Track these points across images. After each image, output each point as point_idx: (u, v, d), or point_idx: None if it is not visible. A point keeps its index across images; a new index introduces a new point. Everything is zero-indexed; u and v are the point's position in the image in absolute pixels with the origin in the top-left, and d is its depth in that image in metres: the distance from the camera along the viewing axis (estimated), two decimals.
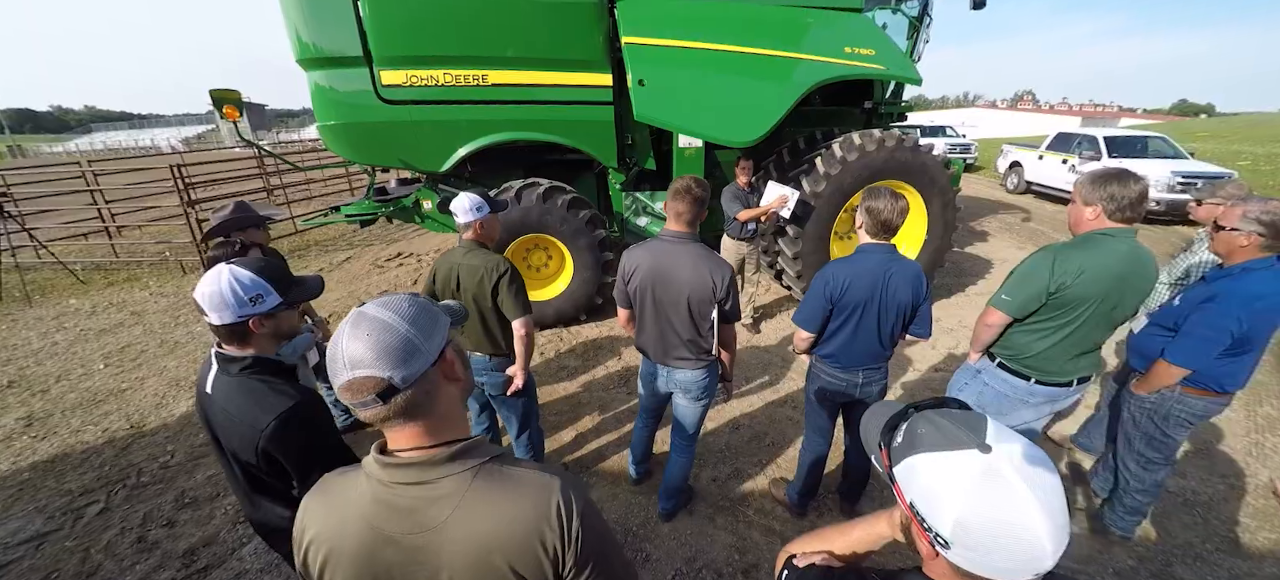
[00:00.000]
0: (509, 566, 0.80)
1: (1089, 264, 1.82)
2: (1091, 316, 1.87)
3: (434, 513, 0.79)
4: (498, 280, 2.25)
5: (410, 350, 0.77)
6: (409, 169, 5.00)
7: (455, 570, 0.79)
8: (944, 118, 30.86)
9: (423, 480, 0.80)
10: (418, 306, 0.83)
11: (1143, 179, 1.85)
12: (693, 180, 2.01)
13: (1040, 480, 0.60)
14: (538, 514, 0.81)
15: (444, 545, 0.79)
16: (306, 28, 4.07)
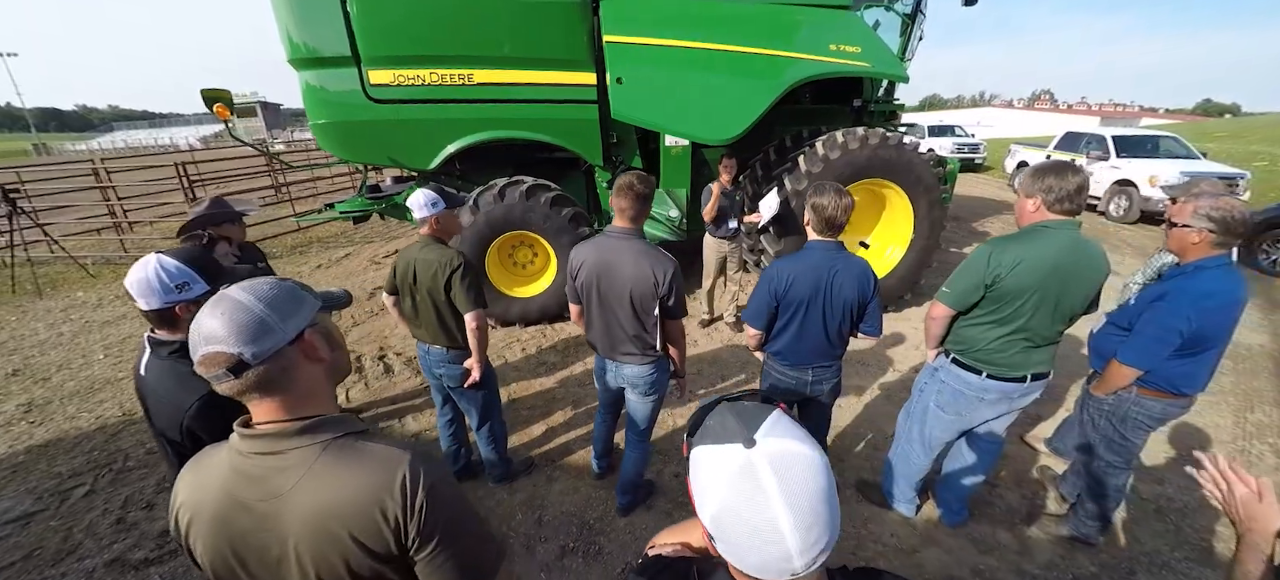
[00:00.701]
0: (348, 534, 0.83)
1: (1026, 255, 1.84)
2: (1035, 308, 1.87)
3: (281, 481, 0.84)
4: (450, 274, 2.30)
5: (263, 329, 0.82)
6: (398, 167, 5.10)
7: (299, 537, 0.84)
8: (958, 117, 30.31)
9: (273, 451, 0.85)
10: (280, 289, 0.88)
11: (1082, 171, 1.85)
12: (635, 177, 2.03)
13: (793, 480, 0.57)
14: (380, 486, 0.85)
15: (289, 512, 0.84)
16: (297, 28, 4.16)
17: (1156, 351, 1.92)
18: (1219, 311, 1.86)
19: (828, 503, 0.58)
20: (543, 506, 2.71)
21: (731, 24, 4.28)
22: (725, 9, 4.35)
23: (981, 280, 1.90)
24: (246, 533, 0.86)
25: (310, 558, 0.85)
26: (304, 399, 0.89)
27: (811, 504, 0.56)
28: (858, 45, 4.53)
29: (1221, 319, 1.88)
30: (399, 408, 3.68)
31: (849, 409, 3.54)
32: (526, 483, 2.88)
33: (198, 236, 2.44)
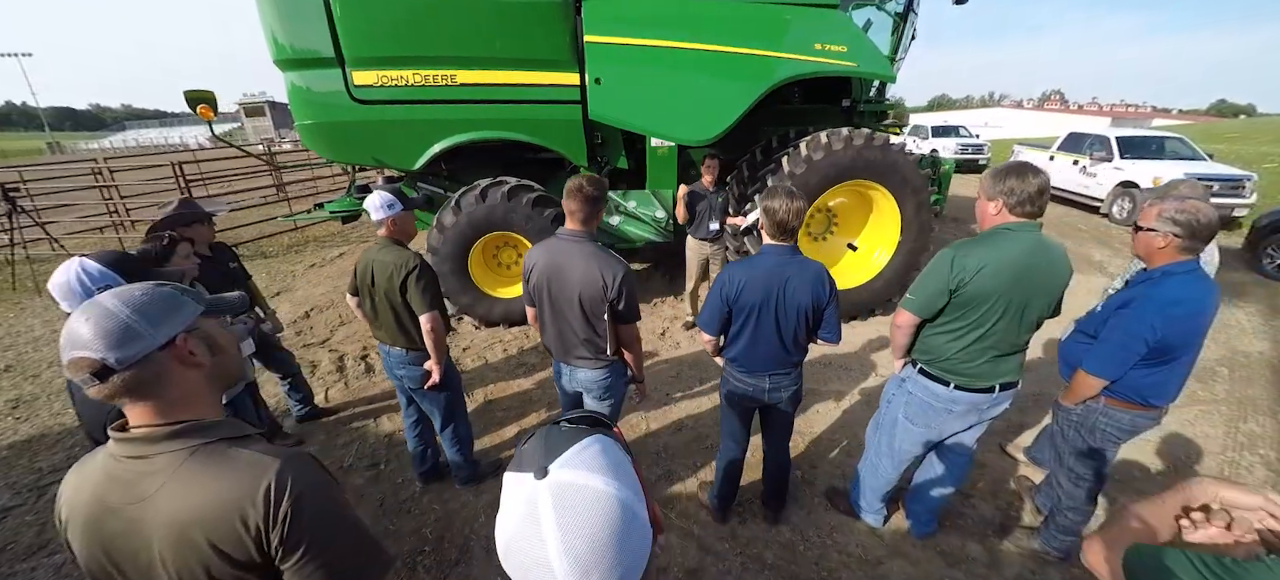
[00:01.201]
0: (208, 542, 0.83)
1: (988, 259, 1.78)
2: (1001, 315, 1.81)
3: (145, 486, 0.84)
4: (406, 277, 2.29)
5: (129, 334, 0.81)
6: (382, 167, 5.12)
7: (162, 542, 0.83)
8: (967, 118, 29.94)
9: (141, 455, 0.85)
10: (152, 295, 0.87)
11: (1042, 173, 1.79)
12: (585, 179, 2.00)
13: (573, 519, 0.51)
14: (242, 494, 0.84)
15: (152, 517, 0.83)
16: (281, 29, 4.17)
17: (1121, 360, 1.86)
18: (1186, 319, 1.79)
19: (617, 546, 0.52)
20: None
21: (714, 23, 4.23)
22: (708, 8, 4.30)
23: (946, 285, 1.83)
24: (116, 536, 0.85)
25: (173, 564, 0.84)
26: (178, 404, 0.88)
27: (591, 547, 0.51)
28: (844, 44, 4.45)
29: (1189, 327, 1.81)
30: (377, 407, 3.68)
31: (827, 414, 3.49)
32: (494, 485, 2.86)
33: (159, 238, 2.44)
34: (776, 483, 2.46)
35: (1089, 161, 8.73)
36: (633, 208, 5.71)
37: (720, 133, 4.24)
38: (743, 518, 2.59)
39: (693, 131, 4.30)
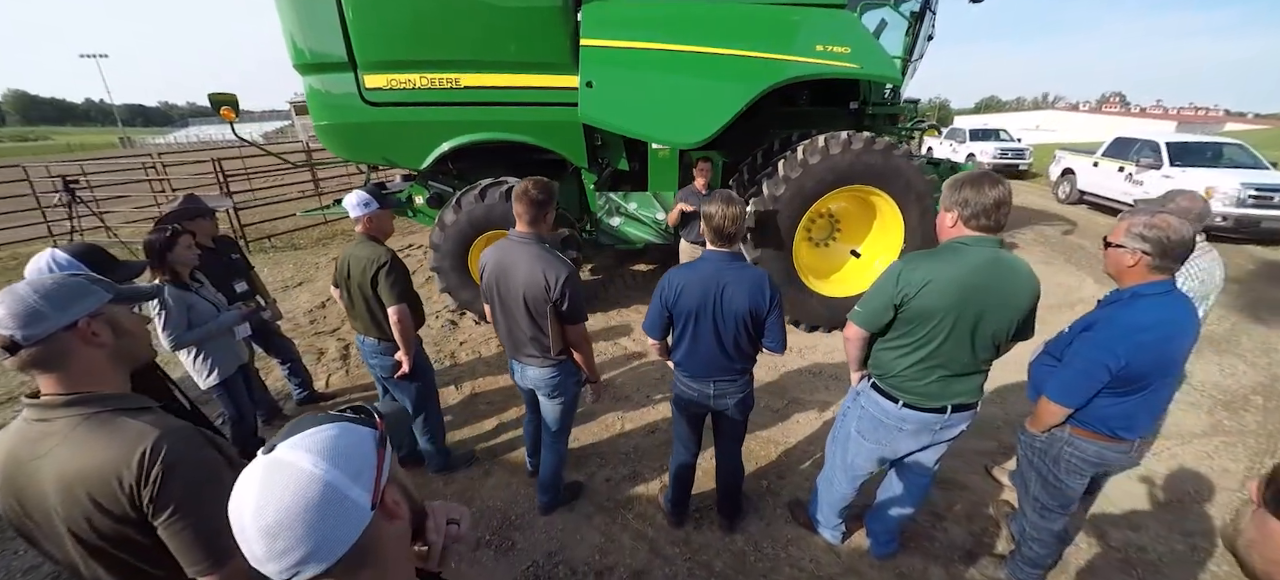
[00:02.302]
0: (89, 497, 0.95)
1: (937, 274, 1.70)
2: (948, 333, 1.72)
3: (44, 445, 0.96)
4: (377, 271, 2.40)
5: (35, 316, 0.94)
6: (393, 166, 5.34)
7: (53, 494, 0.96)
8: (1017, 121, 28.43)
9: (43, 418, 0.98)
10: (61, 284, 1.01)
11: (1002, 183, 1.69)
12: (531, 183, 2.06)
13: (270, 489, 0.57)
14: (119, 458, 0.96)
15: (46, 472, 0.96)
16: (300, 35, 4.41)
17: (1082, 388, 1.74)
18: (1156, 346, 1.65)
19: (307, 521, 0.56)
20: (472, 498, 2.78)
21: (710, 25, 4.21)
22: (706, 10, 4.28)
23: (890, 300, 1.76)
24: (24, 487, 0.98)
25: (62, 514, 0.96)
26: (81, 378, 1.00)
27: (280, 515, 0.55)
28: (847, 45, 4.33)
29: (1160, 354, 1.66)
30: (372, 395, 3.84)
31: (807, 424, 3.42)
32: (464, 474, 2.96)
33: (164, 230, 2.65)
34: (728, 490, 2.44)
35: (1135, 168, 8.14)
36: (633, 209, 5.74)
37: (709, 136, 4.21)
38: (699, 524, 2.58)
39: (681, 134, 4.30)
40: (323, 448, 0.60)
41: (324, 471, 0.58)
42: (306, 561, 0.57)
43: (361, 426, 0.67)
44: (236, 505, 0.57)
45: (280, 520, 0.55)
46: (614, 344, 4.60)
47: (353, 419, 0.68)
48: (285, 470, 0.57)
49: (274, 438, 0.62)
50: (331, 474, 0.59)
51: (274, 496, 0.56)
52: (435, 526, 0.81)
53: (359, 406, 0.74)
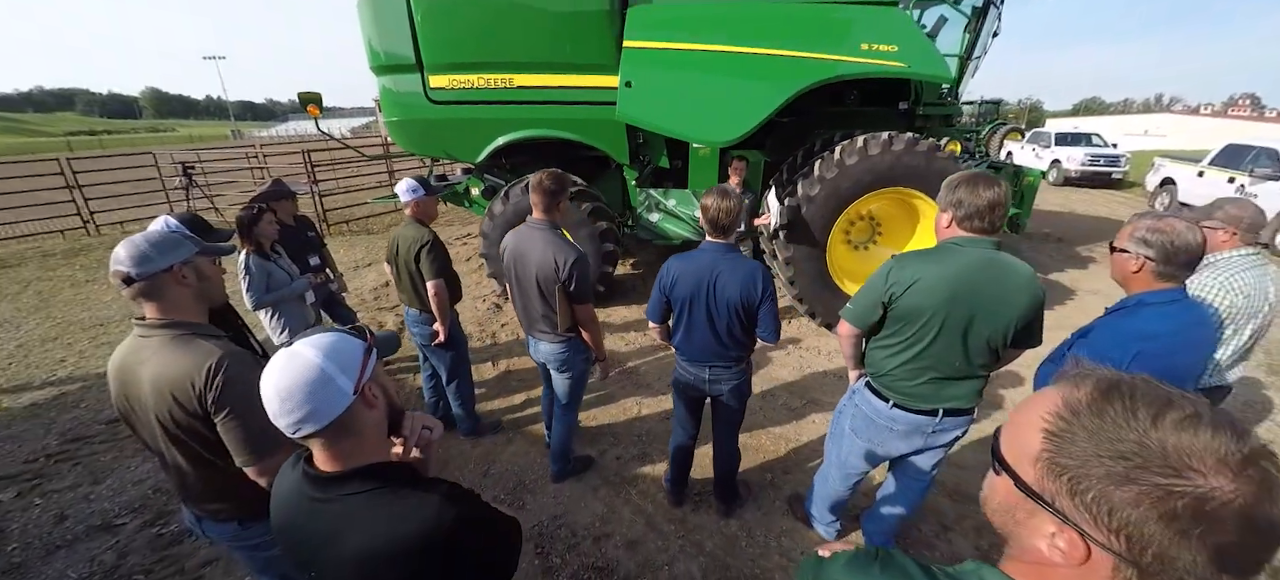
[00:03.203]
0: (171, 395, 1.27)
1: (925, 273, 1.69)
2: (936, 333, 1.71)
3: (143, 355, 1.31)
4: (419, 249, 2.72)
5: (144, 259, 1.28)
6: (452, 160, 5.79)
7: (148, 392, 1.30)
8: (1121, 124, 25.50)
9: (145, 335, 1.32)
10: (164, 237, 1.36)
11: (998, 185, 1.66)
12: (545, 175, 2.26)
13: (283, 365, 0.83)
14: (193, 367, 1.27)
15: (143, 375, 1.30)
16: (377, 40, 4.92)
17: None
18: (1159, 358, 1.53)
19: (304, 390, 0.81)
20: (493, 461, 3.05)
21: (752, 25, 4.24)
22: (749, 10, 4.32)
23: (880, 297, 1.78)
24: (129, 386, 1.33)
25: (153, 406, 1.30)
26: (172, 308, 1.34)
27: (288, 385, 0.81)
28: (895, 44, 4.22)
29: (1164, 367, 1.53)
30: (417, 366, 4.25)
31: (820, 425, 3.41)
32: (490, 440, 3.25)
33: (252, 208, 3.13)
34: (723, 475, 2.54)
35: (1248, 179, 7.15)
36: (672, 206, 5.86)
37: (741, 135, 4.26)
38: (697, 506, 2.69)
39: (713, 133, 4.37)
40: (323, 346, 0.85)
41: (321, 361, 0.82)
42: (305, 422, 0.82)
43: (356, 338, 0.91)
44: (264, 377, 0.83)
45: (288, 389, 0.81)
46: (644, 334, 4.76)
47: (350, 332, 0.92)
48: (297, 357, 0.82)
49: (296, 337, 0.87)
50: (326, 364, 0.83)
51: (286, 372, 0.81)
52: (411, 427, 1.06)
53: (358, 327, 0.97)
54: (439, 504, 0.89)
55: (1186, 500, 0.46)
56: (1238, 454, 0.46)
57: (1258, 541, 0.46)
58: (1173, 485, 0.46)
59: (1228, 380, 2.14)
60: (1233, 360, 2.08)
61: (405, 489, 0.91)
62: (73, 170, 8.73)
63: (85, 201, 8.72)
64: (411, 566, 0.86)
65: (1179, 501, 0.46)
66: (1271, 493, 0.46)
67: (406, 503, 0.89)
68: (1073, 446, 0.52)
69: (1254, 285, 1.99)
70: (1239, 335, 2.03)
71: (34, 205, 8.58)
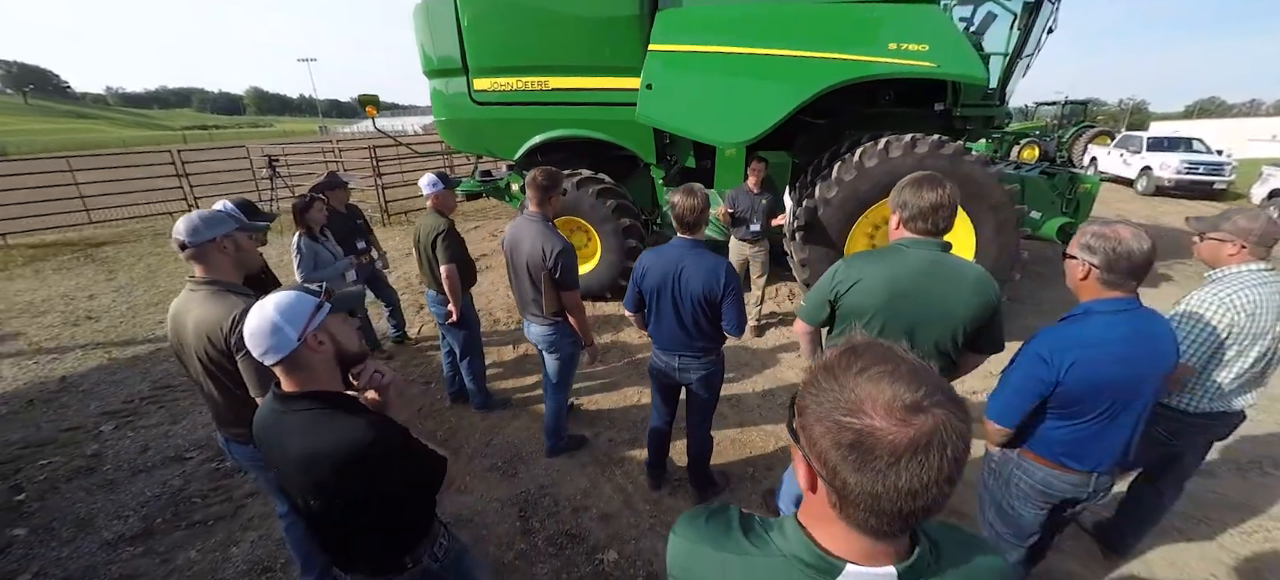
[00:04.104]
0: (207, 337, 1.62)
1: (868, 273, 1.73)
2: (880, 333, 1.71)
3: (191, 305, 1.67)
4: (435, 237, 3.03)
5: (196, 231, 1.63)
6: (493, 157, 6.18)
7: (191, 336, 1.65)
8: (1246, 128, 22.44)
9: (193, 290, 1.67)
10: (213, 215, 1.72)
11: (946, 185, 1.66)
12: (540, 172, 2.48)
13: (252, 317, 1.10)
14: (222, 316, 1.61)
15: (189, 320, 1.65)
16: (429, 45, 5.37)
17: (1014, 405, 1.64)
18: (1098, 366, 1.52)
19: (262, 334, 1.09)
20: (496, 433, 3.32)
21: (776, 26, 4.24)
22: (775, 11, 4.33)
23: (826, 296, 1.81)
24: (180, 329, 1.69)
25: (194, 346, 1.65)
26: (215, 270, 1.69)
27: (253, 328, 1.10)
28: (926, 43, 4.09)
29: (1106, 378, 1.52)
30: None
31: None
32: (497, 414, 3.52)
33: (305, 196, 3.59)
34: (695, 461, 2.64)
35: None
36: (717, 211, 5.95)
37: (755, 135, 4.29)
38: (675, 491, 2.81)
39: (729, 133, 4.42)
40: (280, 303, 1.11)
41: (274, 314, 1.09)
42: (266, 355, 1.09)
43: (310, 296, 1.15)
44: (245, 323, 1.11)
45: (253, 332, 1.08)
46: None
47: (309, 292, 1.16)
48: (261, 309, 1.10)
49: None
50: (277, 317, 1.09)
51: (253, 320, 1.09)
52: (366, 370, 1.29)
53: (324, 288, 1.21)
54: (363, 428, 1.11)
55: (851, 434, 0.55)
56: (903, 404, 0.54)
57: (901, 478, 0.53)
58: (846, 422, 0.56)
59: (1234, 407, 1.99)
60: (1237, 384, 1.93)
61: (340, 413, 1.14)
62: (182, 161, 10.08)
63: (191, 188, 10.04)
64: (337, 469, 1.09)
65: (847, 435, 0.55)
66: (920, 440, 0.53)
67: (338, 422, 1.12)
68: (810, 394, 0.62)
69: (1260, 304, 1.84)
70: (1243, 357, 1.89)
71: (150, 190, 10.00)
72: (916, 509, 0.55)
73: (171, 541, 2.53)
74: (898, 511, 0.55)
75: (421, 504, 1.33)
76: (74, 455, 3.19)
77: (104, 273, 7.01)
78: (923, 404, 0.54)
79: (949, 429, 0.54)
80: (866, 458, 0.54)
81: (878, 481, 0.54)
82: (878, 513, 0.56)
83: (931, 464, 0.53)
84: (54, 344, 4.81)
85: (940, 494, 0.54)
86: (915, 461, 0.53)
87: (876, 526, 0.58)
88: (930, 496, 0.54)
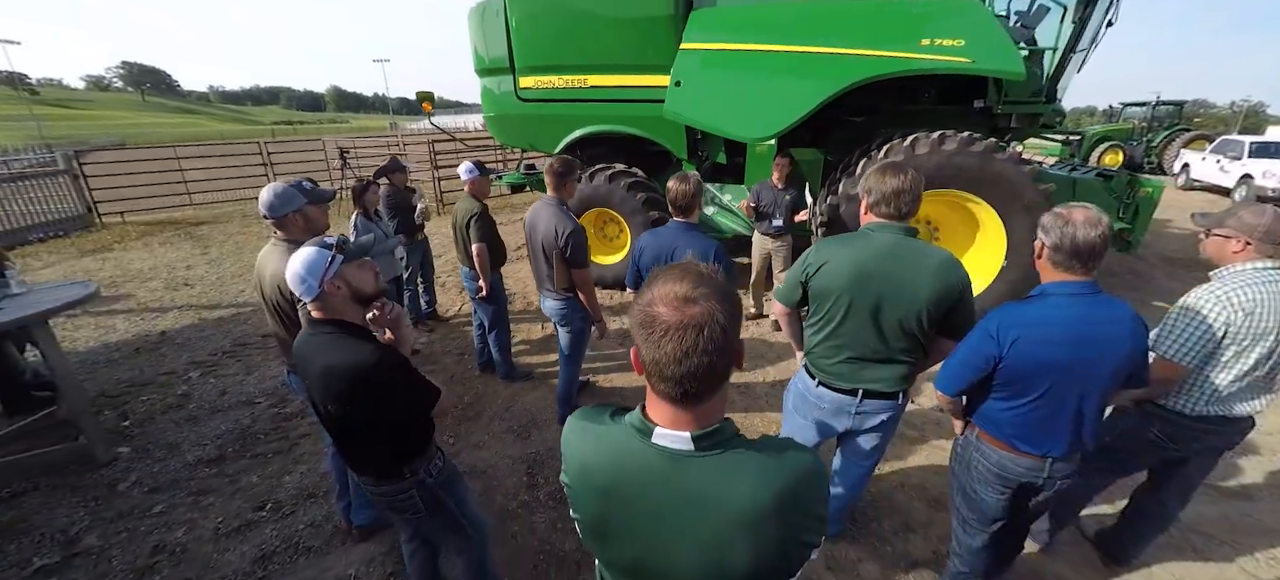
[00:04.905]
0: (277, 286, 1.98)
1: (834, 256, 1.81)
2: (845, 314, 1.81)
3: (271, 258, 2.09)
4: (469, 219, 3.34)
5: (271, 205, 2.01)
6: (537, 151, 6.53)
7: (267, 283, 2.02)
8: None
9: (274, 246, 2.06)
10: (287, 190, 2.06)
11: (908, 172, 1.74)
12: (556, 161, 2.72)
13: (291, 262, 1.37)
14: (284, 268, 1.91)
15: (268, 273, 2.05)
16: (481, 46, 5.77)
17: (957, 375, 1.69)
18: (1041, 346, 1.53)
19: (294, 281, 1.37)
20: (516, 401, 3.61)
21: (805, 23, 4.27)
22: (807, 8, 4.37)
23: (799, 277, 1.91)
24: (262, 277, 2.05)
25: (268, 292, 2.01)
26: (289, 231, 2.05)
27: (290, 276, 1.37)
28: (962, 37, 4.00)
29: (1049, 358, 1.54)
30: None
31: None
32: (519, 385, 3.82)
33: (362, 182, 4.03)
34: None
35: None
36: (727, 201, 6.04)
37: (778, 132, 4.33)
38: None
39: (752, 129, 4.49)
40: (304, 258, 1.39)
41: (300, 268, 1.36)
42: (302, 296, 1.38)
43: (325, 250, 1.42)
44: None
45: (290, 279, 1.36)
46: None
47: (325, 245, 1.43)
48: (293, 263, 1.38)
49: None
50: (302, 269, 1.37)
51: (289, 271, 1.38)
52: (381, 307, 1.57)
53: (339, 240, 1.48)
54: (369, 350, 1.37)
55: (643, 315, 0.74)
56: (677, 295, 0.72)
57: (670, 347, 0.70)
58: (642, 307, 0.75)
59: (1236, 412, 1.89)
60: (1237, 387, 1.84)
61: (353, 337, 1.41)
62: (268, 152, 11.25)
63: (274, 176, 11.18)
64: (349, 383, 1.36)
65: (640, 316, 0.74)
66: (687, 321, 0.70)
67: (351, 344, 1.39)
68: (635, 299, 0.81)
69: (1261, 302, 1.76)
70: (1243, 359, 1.80)
71: (241, 177, 11.24)
72: (684, 373, 0.72)
73: (238, 467, 2.98)
74: (674, 376, 0.72)
75: (421, 428, 1.58)
76: (167, 394, 3.78)
77: (200, 248, 8.00)
78: (692, 296, 0.72)
79: (708, 314, 0.71)
80: (650, 332, 0.72)
81: (656, 349, 0.72)
82: (663, 378, 0.74)
83: (689, 338, 0.70)
84: (157, 304, 5.61)
85: (701, 362, 0.71)
86: (679, 334, 0.70)
87: (666, 391, 0.75)
88: (693, 363, 0.71)
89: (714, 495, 0.75)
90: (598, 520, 0.85)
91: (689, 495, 0.76)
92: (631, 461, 0.80)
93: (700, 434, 0.77)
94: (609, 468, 0.83)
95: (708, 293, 0.73)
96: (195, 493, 2.79)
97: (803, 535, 0.77)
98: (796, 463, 0.79)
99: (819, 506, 0.80)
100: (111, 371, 4.14)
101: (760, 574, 0.75)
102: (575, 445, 0.89)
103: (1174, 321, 1.85)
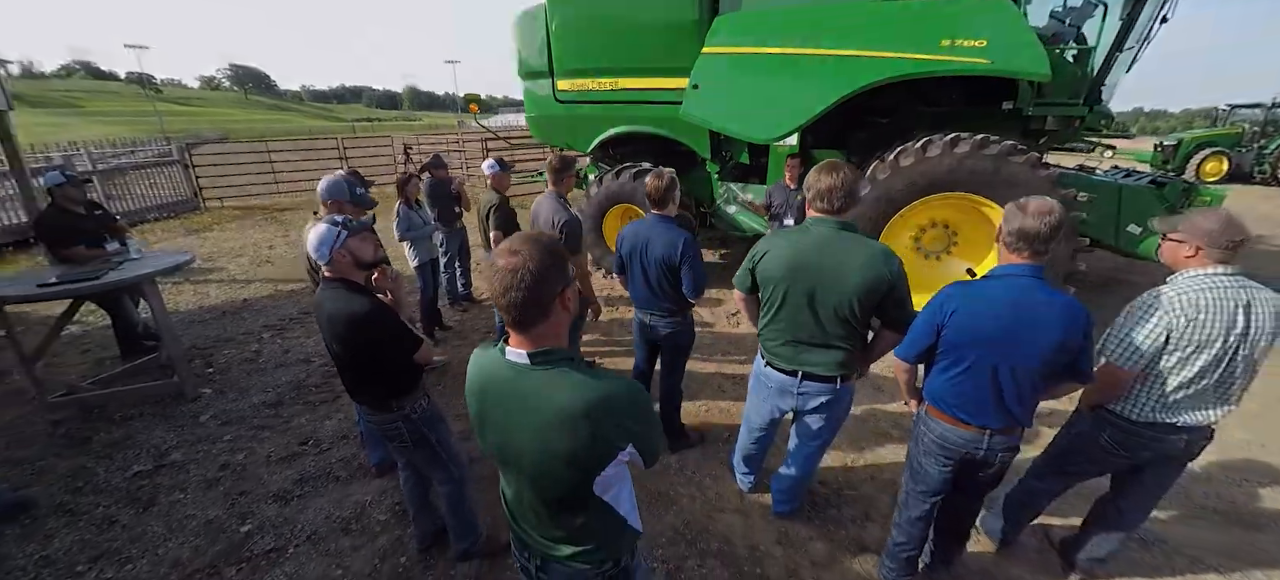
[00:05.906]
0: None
1: (775, 247, 2.01)
2: (783, 300, 1.99)
3: (314, 229, 2.45)
4: (490, 210, 3.74)
5: (329, 192, 2.47)
6: (573, 150, 6.92)
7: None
8: None
9: (318, 222, 2.46)
10: (337, 180, 2.54)
11: (841, 171, 1.89)
12: (556, 156, 3.03)
13: (312, 234, 1.73)
14: (346, 305, 2.34)
15: (313, 241, 2.45)
16: (524, 51, 6.22)
17: (910, 343, 1.84)
18: (976, 316, 1.66)
19: (312, 249, 1.75)
20: None
21: (825, 26, 4.33)
22: (826, 11, 4.42)
23: (748, 266, 2.11)
24: (307, 246, 2.56)
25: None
26: (337, 212, 2.48)
27: (309, 245, 1.76)
28: (984, 37, 3.93)
29: (983, 329, 1.66)
30: None
31: None
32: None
33: (405, 175, 4.55)
34: (664, 411, 3.01)
35: None
36: (749, 199, 6.13)
37: (788, 133, 4.42)
38: None
39: (763, 130, 4.60)
40: (317, 232, 1.77)
41: (314, 239, 1.75)
42: (318, 259, 1.76)
43: (334, 226, 1.80)
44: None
45: (310, 246, 1.76)
46: (710, 311, 5.29)
47: (334, 223, 1.81)
48: (311, 236, 1.76)
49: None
50: (316, 239, 1.75)
51: (309, 242, 1.76)
52: (382, 272, 1.93)
53: (345, 220, 1.86)
54: (363, 303, 1.74)
55: (488, 264, 1.04)
56: (506, 249, 1.00)
57: (496, 284, 0.99)
58: (489, 259, 1.05)
59: (1185, 420, 1.86)
60: (1182, 394, 1.82)
61: (354, 292, 1.79)
62: (345, 147, 12.47)
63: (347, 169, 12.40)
64: (346, 326, 1.73)
65: (486, 266, 1.05)
66: (508, 265, 0.98)
67: (352, 297, 1.77)
68: None
69: (1204, 308, 1.74)
70: (1187, 367, 1.78)
71: (321, 169, 12.36)
72: (507, 304, 0.99)
73: (291, 411, 3.55)
74: (503, 306, 1.00)
75: (409, 373, 1.94)
76: (243, 350, 4.48)
77: (282, 230, 9.10)
78: (516, 249, 1.00)
79: (522, 262, 0.99)
80: (488, 274, 1.01)
81: (490, 285, 1.01)
82: (500, 307, 1.01)
83: (507, 278, 0.98)
84: (244, 277, 6.53)
85: (516, 296, 0.98)
86: (501, 275, 0.99)
87: (507, 319, 1.03)
88: (512, 296, 0.98)
89: (539, 397, 1.02)
90: (477, 417, 1.15)
91: (526, 396, 1.04)
92: (494, 370, 1.10)
93: (535, 352, 1.04)
94: (482, 378, 1.13)
95: (526, 250, 1.00)
96: (256, 427, 3.37)
97: (612, 437, 1.03)
98: (609, 386, 1.04)
99: (627, 421, 1.05)
100: (203, 328, 4.93)
101: (577, 458, 1.02)
102: (471, 365, 1.19)
103: (1118, 326, 1.87)
